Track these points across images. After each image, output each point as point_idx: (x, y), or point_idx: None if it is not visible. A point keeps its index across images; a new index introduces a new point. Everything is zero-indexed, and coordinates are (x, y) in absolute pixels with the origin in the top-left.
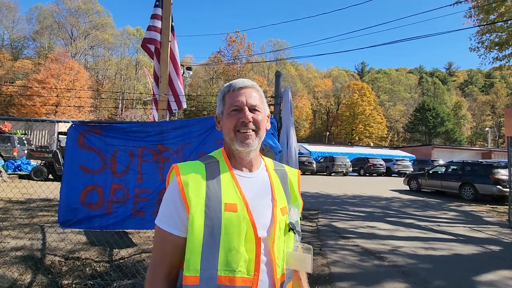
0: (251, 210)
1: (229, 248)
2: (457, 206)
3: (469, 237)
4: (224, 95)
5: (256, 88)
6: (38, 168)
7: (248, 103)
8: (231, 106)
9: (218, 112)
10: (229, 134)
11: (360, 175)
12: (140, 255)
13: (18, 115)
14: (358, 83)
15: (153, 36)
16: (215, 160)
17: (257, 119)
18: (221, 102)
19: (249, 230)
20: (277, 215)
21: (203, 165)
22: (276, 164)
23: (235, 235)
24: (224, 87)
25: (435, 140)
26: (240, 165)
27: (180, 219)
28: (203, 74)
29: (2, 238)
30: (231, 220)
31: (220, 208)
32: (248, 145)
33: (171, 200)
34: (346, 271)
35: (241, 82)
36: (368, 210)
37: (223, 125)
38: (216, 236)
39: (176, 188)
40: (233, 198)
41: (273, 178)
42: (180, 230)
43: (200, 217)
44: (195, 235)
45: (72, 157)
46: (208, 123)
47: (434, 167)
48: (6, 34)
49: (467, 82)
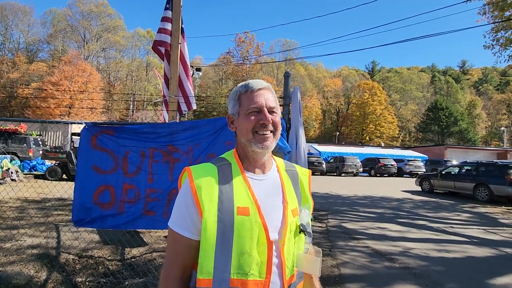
0: (263, 214)
1: (242, 251)
2: (471, 208)
3: (484, 239)
4: (239, 96)
5: (272, 89)
6: (53, 168)
7: (267, 104)
8: (249, 107)
9: (233, 113)
10: (246, 135)
11: (371, 175)
12: (151, 254)
13: (33, 116)
14: (369, 82)
15: (164, 39)
16: (227, 162)
17: (275, 120)
18: (236, 102)
19: (261, 234)
20: (288, 217)
21: (216, 168)
22: (288, 165)
23: (247, 239)
24: (240, 87)
25: (448, 140)
26: (253, 166)
27: (193, 222)
28: (212, 75)
29: (19, 236)
30: (244, 224)
31: (232, 212)
32: (267, 147)
33: (184, 203)
34: (356, 273)
35: (258, 83)
36: (378, 211)
37: (239, 125)
38: (229, 240)
39: (189, 191)
40: (245, 201)
41: (284, 179)
42: (192, 233)
43: (213, 221)
44: (208, 239)
45: (85, 158)
46: (217, 124)
47: (447, 167)
48: (22, 38)
49: (481, 81)
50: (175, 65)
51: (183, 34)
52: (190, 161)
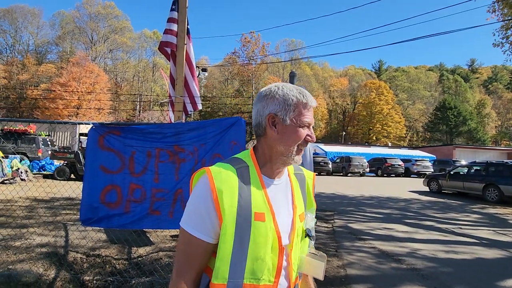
0: (276, 220)
1: (256, 257)
2: (480, 208)
3: (493, 241)
4: (298, 104)
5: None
6: (61, 168)
7: (313, 122)
8: (303, 120)
9: (282, 116)
10: (290, 146)
11: (378, 175)
12: (158, 253)
13: (42, 117)
14: (375, 81)
15: (170, 39)
16: (245, 165)
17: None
18: (291, 108)
19: (274, 240)
20: (296, 222)
21: (235, 170)
22: (296, 168)
23: (262, 245)
24: (299, 94)
25: (457, 140)
26: (271, 172)
27: (212, 226)
28: (218, 75)
29: (29, 235)
30: (260, 230)
31: (250, 217)
32: (301, 161)
33: (203, 206)
34: (363, 273)
35: (313, 99)
36: (385, 211)
37: (285, 133)
38: (245, 245)
39: (209, 194)
40: (262, 207)
41: (294, 183)
42: (210, 236)
43: (232, 226)
44: (226, 244)
45: (93, 158)
46: (223, 124)
47: (456, 167)
48: (31, 40)
49: (491, 79)
50: (180, 66)
51: (188, 35)
52: (196, 161)
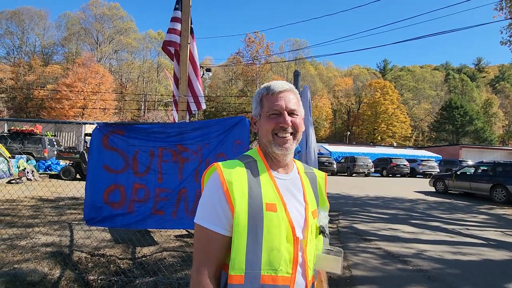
0: (289, 211)
1: (271, 247)
2: (487, 209)
3: (501, 242)
4: (262, 97)
5: (294, 91)
6: (67, 168)
7: (287, 107)
8: (270, 109)
9: (255, 114)
10: (267, 136)
11: (383, 176)
12: (162, 253)
13: (48, 117)
14: (380, 81)
15: (173, 39)
16: (253, 159)
17: (296, 122)
18: (258, 104)
19: (288, 230)
20: (309, 218)
21: (243, 164)
22: (306, 167)
23: (276, 235)
24: (262, 89)
25: (463, 140)
26: (277, 166)
27: (227, 218)
28: (222, 75)
29: (34, 234)
30: (272, 220)
31: (261, 207)
32: (287, 149)
33: (216, 200)
34: (368, 275)
35: (280, 85)
36: (391, 212)
37: (260, 127)
38: (259, 236)
39: (220, 187)
40: (273, 198)
41: (304, 181)
42: (226, 229)
43: (244, 217)
44: (240, 235)
45: (96, 157)
46: (227, 124)
47: (462, 167)
48: (38, 41)
49: (498, 78)
50: (184, 65)
51: (192, 34)
52: (200, 161)
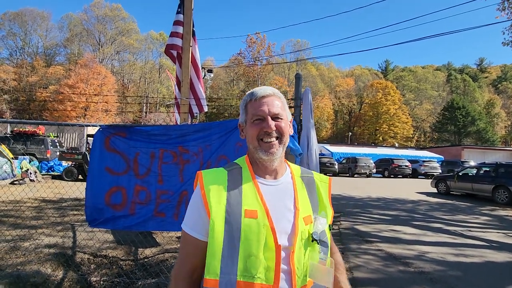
0: (272, 218)
1: (249, 254)
2: (489, 210)
3: (504, 244)
4: (246, 104)
5: (278, 95)
6: (69, 169)
7: (270, 112)
8: (253, 115)
9: (242, 121)
10: (252, 142)
11: (385, 176)
12: (164, 254)
13: (51, 118)
14: (382, 81)
15: (176, 42)
16: (238, 167)
17: (280, 125)
18: (243, 111)
19: (269, 237)
20: (299, 224)
21: (226, 172)
22: (304, 172)
23: (254, 242)
24: (246, 96)
25: (465, 140)
26: (264, 172)
27: (203, 223)
28: (224, 76)
29: (37, 236)
30: (251, 227)
31: (240, 214)
32: (273, 154)
33: (195, 206)
34: (370, 276)
35: (262, 91)
36: (392, 213)
37: (246, 133)
38: (236, 242)
39: (199, 194)
40: (254, 204)
41: (297, 185)
42: (201, 234)
43: (221, 223)
44: (215, 240)
45: (98, 159)
46: (228, 126)
47: (465, 168)
48: (40, 42)
49: (500, 79)
50: (186, 68)
51: (194, 37)
52: (201, 162)
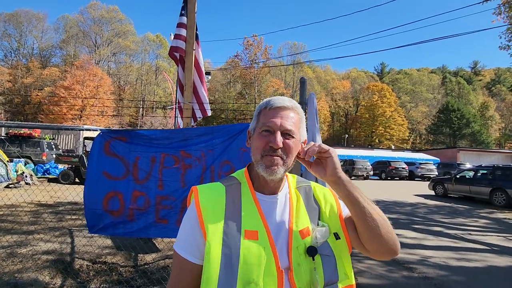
0: (273, 239)
1: (248, 280)
2: (488, 213)
3: (504, 247)
4: (260, 111)
5: (297, 110)
6: (66, 172)
7: (282, 126)
8: (263, 125)
9: (251, 128)
10: (255, 155)
11: (382, 179)
12: (165, 261)
13: (46, 121)
14: (378, 84)
15: (179, 45)
16: (237, 182)
17: (289, 144)
18: (256, 118)
19: (270, 261)
20: (293, 239)
21: (224, 188)
22: (300, 181)
23: (254, 266)
24: (262, 102)
25: (460, 143)
26: (264, 187)
27: (197, 245)
28: (220, 78)
29: (34, 242)
30: (251, 249)
31: (239, 235)
32: (273, 172)
33: (189, 225)
34: (374, 282)
35: (280, 101)
36: (392, 216)
37: (252, 143)
38: (234, 267)
39: (194, 212)
40: (254, 225)
41: (293, 197)
42: (196, 257)
43: (218, 245)
44: (212, 264)
45: (96, 164)
46: (232, 130)
47: (462, 171)
48: (36, 44)
49: (494, 82)
50: (189, 72)
51: (197, 41)
52: (204, 168)
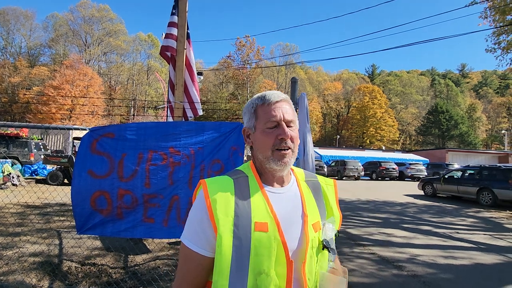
0: (283, 230)
1: (259, 271)
2: (475, 212)
3: (490, 245)
4: (256, 108)
5: (289, 101)
6: (54, 173)
7: (285, 118)
8: (267, 121)
9: (249, 126)
10: (265, 152)
11: (372, 179)
12: (155, 262)
13: (34, 121)
14: (369, 85)
15: (170, 44)
16: (244, 175)
17: (293, 135)
18: (252, 115)
19: (280, 252)
20: (309, 232)
21: (232, 181)
22: (308, 175)
23: (265, 257)
24: (256, 99)
25: (448, 143)
26: (271, 180)
27: (206, 238)
28: (213, 79)
29: (21, 243)
30: (261, 241)
31: (249, 227)
32: (286, 164)
33: (198, 218)
34: (364, 281)
35: (276, 95)
36: (382, 216)
37: (256, 141)
38: (245, 258)
39: (203, 205)
40: (264, 217)
41: (304, 191)
42: (205, 249)
43: (229, 237)
44: (223, 256)
45: (82, 163)
46: (223, 129)
47: (450, 171)
48: (24, 42)
49: (481, 84)
50: (180, 71)
51: (189, 40)
52: (193, 165)
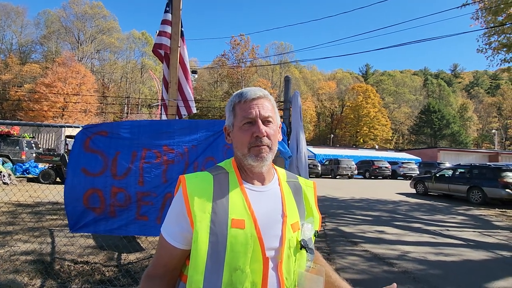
0: (260, 228)
1: (234, 267)
2: (465, 210)
3: (479, 242)
4: (234, 106)
5: (268, 97)
6: (46, 171)
7: (261, 115)
8: (243, 118)
9: (228, 124)
10: (241, 149)
11: (365, 178)
12: (149, 260)
13: (26, 118)
14: (363, 85)
15: (164, 42)
16: (224, 171)
17: (270, 133)
18: (231, 113)
19: (256, 249)
20: (287, 232)
21: (212, 177)
22: (290, 176)
23: (241, 254)
24: (234, 96)
25: (440, 143)
26: (251, 178)
27: (181, 231)
28: (207, 77)
29: (13, 242)
30: (238, 238)
31: (226, 224)
32: (262, 159)
33: (176, 212)
34: (356, 277)
35: (253, 92)
36: (375, 214)
37: (234, 138)
38: (221, 254)
39: (181, 200)
40: (241, 213)
41: (285, 191)
42: (178, 241)
43: (205, 233)
44: (199, 252)
45: (76, 160)
46: (216, 127)
47: (441, 170)
48: (15, 39)
49: (472, 84)
50: (174, 69)
51: (182, 38)
52: (187, 163)
